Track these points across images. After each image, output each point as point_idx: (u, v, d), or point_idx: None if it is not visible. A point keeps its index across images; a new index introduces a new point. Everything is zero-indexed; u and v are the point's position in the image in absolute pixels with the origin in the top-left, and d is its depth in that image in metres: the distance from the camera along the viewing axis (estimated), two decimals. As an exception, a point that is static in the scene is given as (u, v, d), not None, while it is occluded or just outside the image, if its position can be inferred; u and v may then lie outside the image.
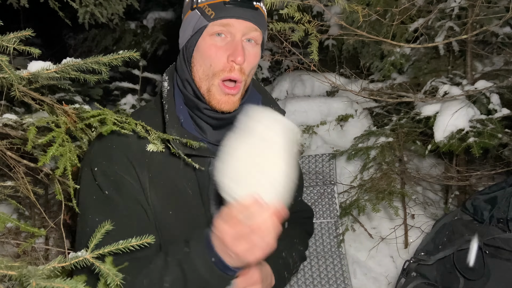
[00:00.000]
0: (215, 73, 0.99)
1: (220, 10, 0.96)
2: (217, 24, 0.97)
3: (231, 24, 0.97)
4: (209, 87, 1.01)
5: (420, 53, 3.00)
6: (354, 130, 3.25)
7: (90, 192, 0.97)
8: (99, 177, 0.97)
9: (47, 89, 2.39)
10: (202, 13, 0.97)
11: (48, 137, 0.84)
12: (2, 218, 1.04)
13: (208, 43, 0.98)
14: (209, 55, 0.98)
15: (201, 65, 1.01)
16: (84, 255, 0.69)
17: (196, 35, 0.99)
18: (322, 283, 2.69)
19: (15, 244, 2.23)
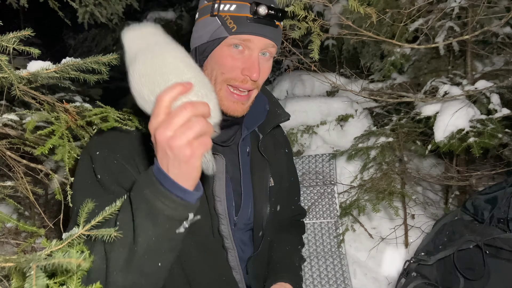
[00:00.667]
0: (226, 79, 1.00)
1: (243, 25, 0.96)
2: (237, 38, 0.97)
3: (251, 40, 0.98)
4: (217, 91, 1.01)
5: (420, 53, 3.00)
6: (354, 130, 3.25)
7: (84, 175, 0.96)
8: (97, 161, 0.95)
9: (47, 89, 2.39)
10: (223, 23, 0.97)
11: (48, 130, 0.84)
12: (2, 218, 1.04)
13: (225, 53, 0.99)
14: (224, 63, 0.99)
15: (213, 69, 1.01)
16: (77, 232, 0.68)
17: (214, 43, 1.00)
18: (322, 283, 2.69)
19: (15, 244, 2.23)
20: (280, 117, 1.18)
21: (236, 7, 0.96)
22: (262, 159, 1.16)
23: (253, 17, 0.96)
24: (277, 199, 1.22)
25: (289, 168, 1.33)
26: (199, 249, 1.05)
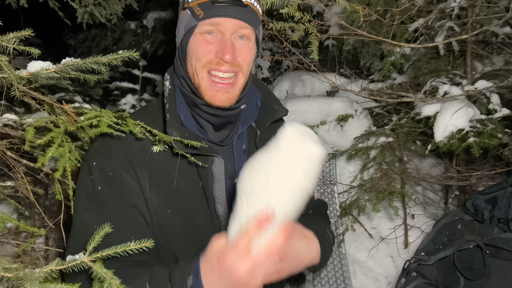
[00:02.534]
0: (203, 65, 1.00)
1: (208, 9, 0.97)
2: (206, 23, 0.98)
3: (220, 23, 0.98)
4: (199, 81, 1.01)
5: (420, 53, 3.00)
6: (354, 130, 3.24)
7: (83, 186, 0.98)
8: (94, 171, 0.97)
9: (47, 89, 2.39)
10: (192, 13, 0.99)
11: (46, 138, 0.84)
12: (2, 218, 1.04)
13: (199, 40, 1.00)
14: (199, 49, 1.00)
15: (191, 59, 1.02)
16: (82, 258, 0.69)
17: (188, 34, 1.01)
18: (322, 283, 2.69)
19: (15, 244, 2.23)
20: (277, 112, 1.17)
21: None
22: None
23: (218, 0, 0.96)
24: None
25: None
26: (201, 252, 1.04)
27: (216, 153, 1.03)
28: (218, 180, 1.04)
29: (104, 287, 0.67)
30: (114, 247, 0.72)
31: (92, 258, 0.69)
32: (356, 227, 2.99)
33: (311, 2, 1.53)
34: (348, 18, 2.62)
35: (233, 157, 1.11)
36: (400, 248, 2.81)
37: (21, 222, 1.07)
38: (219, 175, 1.04)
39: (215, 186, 1.04)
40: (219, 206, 1.06)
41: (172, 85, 1.08)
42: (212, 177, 1.04)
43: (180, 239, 1.04)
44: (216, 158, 1.03)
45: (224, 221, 1.07)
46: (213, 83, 1.00)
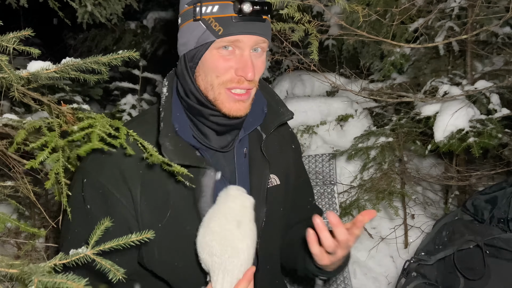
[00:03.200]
0: (222, 82, 0.97)
1: (229, 26, 0.92)
2: (225, 40, 0.94)
3: (240, 40, 0.94)
4: (216, 96, 0.99)
5: (420, 53, 3.00)
6: (354, 130, 3.24)
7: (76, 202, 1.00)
8: (86, 189, 0.98)
9: (47, 89, 2.39)
10: (208, 27, 0.93)
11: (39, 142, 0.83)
12: (2, 218, 1.04)
13: (216, 56, 0.95)
14: (217, 66, 0.96)
15: (206, 75, 0.98)
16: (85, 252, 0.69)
17: (202, 48, 0.96)
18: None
19: (15, 244, 2.23)
20: (283, 115, 1.14)
21: (219, 7, 0.92)
22: (262, 159, 1.12)
23: (238, 16, 0.91)
24: (283, 198, 1.18)
25: (297, 165, 1.29)
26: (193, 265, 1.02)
27: (209, 165, 1.01)
28: (206, 193, 1.01)
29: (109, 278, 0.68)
30: (116, 240, 0.72)
31: (95, 251, 0.69)
32: (356, 227, 2.98)
33: (311, 2, 1.53)
34: (348, 18, 2.62)
35: (234, 162, 1.10)
36: (400, 248, 2.81)
37: (21, 222, 1.07)
38: (207, 187, 1.01)
39: (201, 199, 1.01)
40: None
41: (169, 92, 1.05)
42: (201, 189, 1.01)
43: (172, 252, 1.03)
44: (207, 170, 1.00)
45: None
46: (231, 96, 0.99)
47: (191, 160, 0.96)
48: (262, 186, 1.10)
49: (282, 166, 1.19)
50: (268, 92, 1.18)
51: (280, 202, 1.17)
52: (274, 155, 1.16)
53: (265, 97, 1.16)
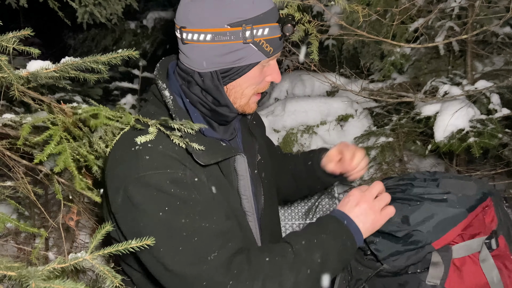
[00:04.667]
0: (256, 90, 1.09)
1: (277, 45, 1.03)
2: (273, 57, 1.06)
3: (279, 54, 1.08)
4: (247, 101, 1.09)
5: (420, 53, 3.00)
6: (354, 130, 3.24)
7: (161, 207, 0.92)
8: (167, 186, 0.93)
9: (46, 89, 2.39)
10: (260, 48, 1.00)
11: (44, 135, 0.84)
12: (2, 218, 1.04)
13: (258, 72, 1.05)
14: (257, 80, 1.07)
15: (243, 88, 1.07)
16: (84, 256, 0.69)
17: (248, 66, 1.03)
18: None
19: (16, 244, 2.22)
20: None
21: (269, 30, 0.99)
22: (251, 136, 1.24)
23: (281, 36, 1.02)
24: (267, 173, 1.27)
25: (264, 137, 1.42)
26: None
27: (238, 151, 1.08)
28: (243, 177, 1.10)
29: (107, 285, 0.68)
30: (115, 245, 0.73)
31: (94, 256, 0.69)
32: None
33: (311, 2, 1.53)
34: (348, 18, 2.62)
35: (240, 146, 1.20)
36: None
37: (21, 222, 1.07)
38: (243, 171, 1.10)
39: (240, 183, 1.09)
40: (245, 202, 1.11)
41: (173, 95, 1.07)
42: (236, 174, 1.09)
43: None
44: (239, 156, 1.08)
45: (251, 216, 1.12)
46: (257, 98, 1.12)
47: (222, 154, 1.03)
48: (254, 161, 1.21)
49: (261, 142, 1.31)
50: None
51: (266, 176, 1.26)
52: (256, 131, 1.27)
53: None
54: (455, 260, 1.00)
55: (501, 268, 1.01)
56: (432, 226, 0.99)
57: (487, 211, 1.04)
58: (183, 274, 0.89)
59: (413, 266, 1.02)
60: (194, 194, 0.95)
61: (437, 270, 0.98)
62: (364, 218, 1.02)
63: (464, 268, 1.00)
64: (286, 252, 0.95)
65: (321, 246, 0.97)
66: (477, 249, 1.01)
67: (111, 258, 1.27)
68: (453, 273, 0.99)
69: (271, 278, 0.90)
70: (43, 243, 1.56)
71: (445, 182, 1.07)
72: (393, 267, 1.01)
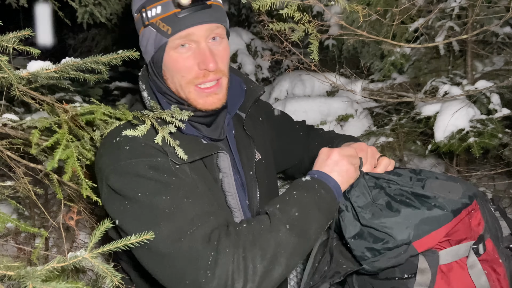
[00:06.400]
0: (189, 81, 0.99)
1: (175, 23, 0.93)
2: (177, 37, 0.94)
3: (191, 33, 0.94)
4: (187, 95, 1.01)
5: (420, 53, 2.99)
6: (354, 130, 3.24)
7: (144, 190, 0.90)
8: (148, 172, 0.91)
9: (46, 89, 2.39)
10: (158, 29, 0.94)
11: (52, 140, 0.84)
12: (2, 218, 1.04)
13: (174, 56, 0.97)
14: (178, 68, 0.97)
15: (173, 77, 1.00)
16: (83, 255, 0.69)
17: (160, 52, 0.98)
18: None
19: (15, 244, 2.22)
20: (256, 92, 1.19)
21: (161, 8, 0.93)
22: (247, 138, 1.19)
23: (182, 10, 0.92)
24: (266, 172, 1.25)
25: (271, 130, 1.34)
26: None
27: (219, 149, 1.06)
28: (226, 174, 1.08)
29: (107, 283, 0.68)
30: (115, 242, 0.73)
31: (93, 254, 0.69)
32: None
33: (311, 2, 1.53)
34: (348, 18, 2.62)
35: (230, 149, 1.16)
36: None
37: (21, 222, 1.07)
38: (226, 169, 1.07)
39: (223, 180, 1.07)
40: (230, 198, 1.09)
41: (151, 95, 1.07)
42: (219, 171, 1.07)
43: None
44: (220, 153, 1.06)
45: (237, 212, 1.10)
46: (201, 92, 1.01)
47: (201, 152, 1.00)
48: (250, 163, 1.17)
49: (261, 141, 1.26)
50: (237, 72, 1.23)
51: (264, 175, 1.23)
52: (254, 131, 1.22)
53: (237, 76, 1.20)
54: (442, 266, 0.98)
55: (490, 272, 0.99)
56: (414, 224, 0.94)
57: (473, 214, 1.01)
58: (166, 252, 0.85)
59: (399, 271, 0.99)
60: (175, 178, 0.93)
61: (424, 277, 0.96)
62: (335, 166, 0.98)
63: (451, 274, 0.98)
64: (262, 218, 0.92)
65: (295, 201, 0.92)
66: (464, 254, 0.99)
67: (110, 257, 1.27)
68: (440, 279, 0.96)
69: (251, 244, 0.85)
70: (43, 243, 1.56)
71: (430, 183, 1.02)
72: (373, 268, 0.98)
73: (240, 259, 0.82)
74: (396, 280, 1.00)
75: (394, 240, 0.94)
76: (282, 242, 0.86)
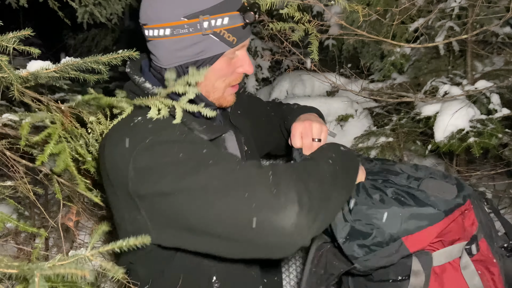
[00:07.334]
0: (229, 83, 1.08)
1: (241, 34, 1.01)
2: (239, 47, 1.03)
3: (245, 44, 1.05)
4: (222, 94, 1.09)
5: (420, 53, 2.99)
6: (354, 130, 3.24)
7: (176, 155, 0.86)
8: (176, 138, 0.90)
9: (46, 89, 2.39)
10: (221, 38, 0.99)
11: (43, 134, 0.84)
12: (2, 218, 1.04)
13: (225, 63, 1.04)
14: (225, 72, 1.05)
15: (213, 81, 1.05)
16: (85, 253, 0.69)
17: (210, 58, 1.01)
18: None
19: (15, 244, 2.22)
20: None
21: (229, 19, 0.98)
22: (234, 130, 1.24)
23: (245, 23, 1.01)
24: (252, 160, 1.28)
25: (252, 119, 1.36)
26: None
27: (227, 129, 1.12)
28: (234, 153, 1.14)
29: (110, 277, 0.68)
30: (113, 243, 0.72)
31: (93, 252, 0.69)
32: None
33: (311, 2, 1.53)
34: (348, 18, 2.62)
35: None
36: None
37: (21, 222, 1.07)
38: (233, 149, 1.16)
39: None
40: None
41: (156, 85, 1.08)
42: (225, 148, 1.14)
43: None
44: (226, 134, 1.13)
45: None
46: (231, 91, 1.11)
47: (219, 130, 1.07)
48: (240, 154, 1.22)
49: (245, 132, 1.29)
50: None
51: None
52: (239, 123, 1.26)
53: None
54: (436, 268, 0.98)
55: (483, 272, 0.99)
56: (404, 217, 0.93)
57: (467, 214, 1.02)
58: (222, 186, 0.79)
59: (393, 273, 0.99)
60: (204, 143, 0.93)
61: (417, 279, 0.96)
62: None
63: (445, 276, 0.98)
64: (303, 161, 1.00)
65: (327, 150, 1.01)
66: (457, 255, 0.99)
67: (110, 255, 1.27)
68: (434, 281, 0.97)
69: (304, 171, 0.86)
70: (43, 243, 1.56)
71: (426, 183, 1.02)
72: (365, 267, 0.98)
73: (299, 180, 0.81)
74: (390, 282, 1.00)
75: (383, 233, 0.93)
76: (331, 172, 0.90)
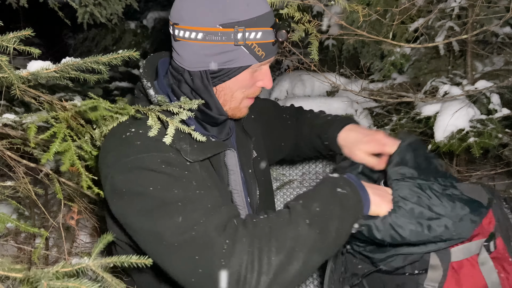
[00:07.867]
0: (247, 95, 1.08)
1: (270, 50, 1.02)
2: (265, 63, 1.05)
3: (272, 60, 1.07)
4: (238, 105, 1.09)
5: (420, 53, 2.99)
6: (354, 130, 3.24)
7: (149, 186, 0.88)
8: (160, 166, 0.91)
9: (47, 89, 2.39)
10: (251, 51, 0.99)
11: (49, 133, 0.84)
12: (2, 218, 1.04)
13: (249, 76, 1.04)
14: (247, 84, 1.06)
15: (233, 91, 1.06)
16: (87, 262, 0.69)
17: (238, 68, 1.02)
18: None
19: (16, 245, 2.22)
20: None
21: (262, 34, 0.98)
22: (245, 136, 1.24)
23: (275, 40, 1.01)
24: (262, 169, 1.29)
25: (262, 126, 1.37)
26: None
27: (228, 146, 1.10)
28: (233, 172, 1.11)
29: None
30: (117, 257, 0.72)
31: (95, 263, 0.69)
32: (356, 227, 2.97)
33: (311, 2, 1.53)
34: (348, 18, 2.62)
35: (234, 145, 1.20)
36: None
37: (21, 222, 1.07)
38: (233, 166, 1.11)
39: (230, 177, 1.11)
40: (236, 196, 1.12)
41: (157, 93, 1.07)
42: (226, 169, 1.10)
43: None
44: (228, 150, 1.10)
45: (242, 210, 1.12)
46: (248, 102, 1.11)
47: (211, 150, 1.04)
48: (249, 161, 1.21)
49: (257, 139, 1.30)
50: None
51: (261, 173, 1.27)
52: (252, 129, 1.27)
53: None
54: (453, 263, 0.98)
55: (499, 270, 1.00)
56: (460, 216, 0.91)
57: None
58: (179, 241, 0.82)
59: (410, 267, 1.00)
60: (188, 172, 0.93)
61: (435, 273, 0.96)
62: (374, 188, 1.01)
63: (462, 272, 0.98)
64: (282, 211, 0.92)
65: (317, 196, 0.92)
66: (475, 251, 1.00)
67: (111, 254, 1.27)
68: (451, 277, 0.97)
69: (268, 235, 0.83)
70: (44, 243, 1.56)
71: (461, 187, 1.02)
72: (390, 267, 1.00)
73: (256, 250, 0.80)
74: (407, 275, 1.01)
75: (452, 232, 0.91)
76: (301, 236, 0.84)
